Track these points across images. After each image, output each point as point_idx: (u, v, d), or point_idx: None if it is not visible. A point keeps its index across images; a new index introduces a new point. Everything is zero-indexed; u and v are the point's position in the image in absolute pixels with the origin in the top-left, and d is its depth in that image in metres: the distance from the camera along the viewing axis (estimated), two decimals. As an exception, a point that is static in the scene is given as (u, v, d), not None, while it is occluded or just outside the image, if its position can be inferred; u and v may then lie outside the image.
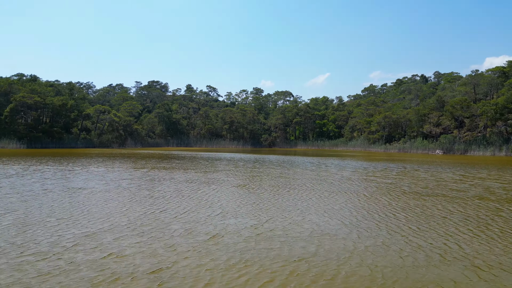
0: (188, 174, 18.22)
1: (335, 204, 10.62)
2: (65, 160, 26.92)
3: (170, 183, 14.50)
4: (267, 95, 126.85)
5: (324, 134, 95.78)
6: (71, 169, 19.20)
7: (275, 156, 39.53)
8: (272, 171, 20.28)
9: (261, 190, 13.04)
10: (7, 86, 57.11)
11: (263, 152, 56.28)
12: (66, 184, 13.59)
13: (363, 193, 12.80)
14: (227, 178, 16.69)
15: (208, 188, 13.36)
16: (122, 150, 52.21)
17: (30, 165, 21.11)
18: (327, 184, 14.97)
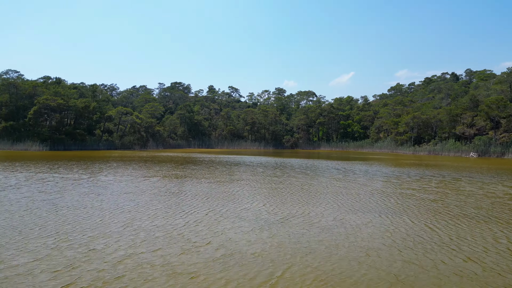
0: (199, 186, 16.34)
1: (372, 238, 8.38)
2: (78, 165, 25.74)
3: (174, 201, 12.64)
4: (289, 95, 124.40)
5: (349, 135, 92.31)
6: (76, 178, 17.75)
7: (297, 160, 37.25)
8: (293, 182, 18.12)
9: (278, 215, 10.94)
10: (31, 89, 57.52)
11: (284, 155, 54.01)
12: (56, 201, 11.95)
13: (404, 216, 10.45)
14: (241, 190, 14.69)
15: (213, 217, 11.40)
16: (142, 153, 51.34)
17: (37, 172, 19.89)
18: (358, 203, 12.66)
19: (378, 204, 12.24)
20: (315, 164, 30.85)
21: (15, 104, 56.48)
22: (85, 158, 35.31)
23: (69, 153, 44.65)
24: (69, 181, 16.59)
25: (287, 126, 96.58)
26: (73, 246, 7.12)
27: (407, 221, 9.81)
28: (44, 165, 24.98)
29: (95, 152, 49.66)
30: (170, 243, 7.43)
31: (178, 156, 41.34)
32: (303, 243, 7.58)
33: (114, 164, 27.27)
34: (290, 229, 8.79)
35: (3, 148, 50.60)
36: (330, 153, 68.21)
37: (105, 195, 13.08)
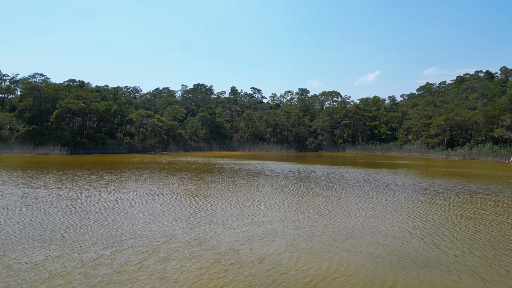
0: (208, 209, 14.01)
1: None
2: (88, 176, 24.08)
3: (169, 229, 10.33)
4: (313, 95, 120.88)
5: (376, 137, 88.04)
6: (75, 197, 15.83)
7: (322, 168, 34.37)
8: (320, 204, 15.48)
9: (305, 273, 8.38)
10: (54, 92, 57.29)
11: (308, 159, 51.09)
12: (25, 232, 9.91)
13: (477, 271, 7.67)
14: (258, 224, 12.23)
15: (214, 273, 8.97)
16: (162, 157, 49.84)
17: (38, 187, 18.20)
18: (415, 250, 9.91)
19: (440, 253, 9.45)
20: (342, 174, 27.96)
21: (38, 108, 56.41)
22: (100, 165, 33.89)
23: (87, 158, 43.63)
24: (64, 202, 14.64)
25: (311, 128, 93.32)
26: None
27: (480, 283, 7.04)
28: (53, 176, 23.45)
29: (115, 157, 48.55)
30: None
31: (196, 163, 39.38)
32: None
33: (127, 174, 25.45)
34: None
35: (25, 152, 50.40)
36: (355, 156, 64.61)
37: (92, 227, 10.95)
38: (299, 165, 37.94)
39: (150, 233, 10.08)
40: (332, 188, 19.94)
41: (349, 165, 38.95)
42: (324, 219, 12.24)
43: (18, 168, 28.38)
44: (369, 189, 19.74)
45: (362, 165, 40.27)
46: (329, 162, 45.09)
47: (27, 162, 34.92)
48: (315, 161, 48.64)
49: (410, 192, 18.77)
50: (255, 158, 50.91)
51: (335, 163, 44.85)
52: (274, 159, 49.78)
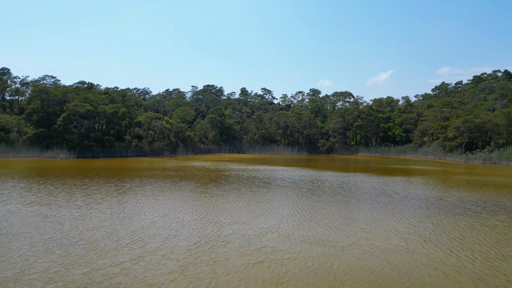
0: (208, 236, 12.05)
1: None
2: (87, 186, 22.43)
3: (156, 272, 8.36)
4: (324, 96, 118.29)
5: (389, 139, 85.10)
6: (58, 220, 14.04)
7: (335, 176, 32.11)
8: (332, 223, 13.39)
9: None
10: (62, 95, 56.24)
11: (320, 164, 48.81)
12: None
13: None
14: (262, 249, 10.22)
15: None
16: (170, 161, 48.22)
17: (27, 204, 16.52)
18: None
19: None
20: (358, 184, 25.69)
21: (46, 111, 55.44)
22: (103, 172, 32.32)
23: (93, 163, 42.23)
24: (43, 229, 12.86)
25: (322, 129, 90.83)
26: None
27: None
28: (49, 187, 21.84)
29: (121, 161, 47.11)
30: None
31: (204, 169, 37.55)
32: None
33: (127, 185, 23.69)
34: None
35: (31, 155, 49.39)
36: (369, 160, 61.95)
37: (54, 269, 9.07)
38: (311, 171, 35.75)
39: (130, 280, 8.13)
40: (347, 201, 17.76)
41: (363, 172, 36.56)
42: (348, 256, 10.14)
43: (17, 176, 26.94)
44: (391, 206, 17.49)
45: (377, 171, 37.85)
46: (341, 168, 42.77)
47: (29, 169, 33.58)
48: (327, 165, 46.34)
49: (438, 211, 16.47)
50: (265, 163, 48.89)
51: (348, 168, 42.48)
52: (284, 164, 47.67)
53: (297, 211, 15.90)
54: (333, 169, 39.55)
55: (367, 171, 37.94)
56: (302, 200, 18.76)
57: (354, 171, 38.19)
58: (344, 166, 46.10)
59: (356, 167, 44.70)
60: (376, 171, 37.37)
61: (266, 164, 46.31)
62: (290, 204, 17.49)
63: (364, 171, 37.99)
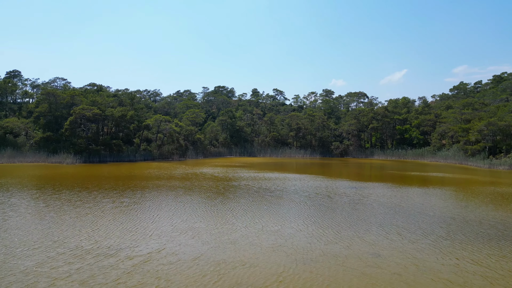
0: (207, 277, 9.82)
1: None
2: (79, 204, 20.55)
3: None
4: (338, 97, 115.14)
5: (406, 141, 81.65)
6: (21, 255, 12.03)
7: (351, 187, 29.58)
8: (349, 253, 11.03)
9: None
10: (69, 98, 54.99)
11: (333, 169, 46.17)
12: None
13: None
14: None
15: None
16: (178, 166, 46.36)
17: (5, 231, 14.61)
18: None
19: None
20: (378, 199, 23.13)
21: (53, 114, 54.28)
22: (106, 181, 30.53)
23: (98, 169, 40.61)
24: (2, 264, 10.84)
25: (336, 131, 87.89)
26: None
27: None
28: (40, 203, 20.03)
29: (129, 166, 45.45)
30: None
31: (213, 177, 35.47)
32: None
33: (126, 199, 21.69)
34: None
35: (38, 160, 48.19)
36: (384, 164, 58.88)
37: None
38: (326, 181, 33.22)
39: None
40: (372, 233, 15.29)
41: (379, 180, 33.83)
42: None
43: (14, 188, 25.30)
44: (423, 234, 14.94)
45: (394, 179, 35.10)
46: (357, 175, 40.07)
47: (30, 177, 32.04)
48: (342, 172, 43.66)
49: (482, 239, 13.88)
50: (276, 168, 46.55)
51: (364, 176, 39.77)
52: (297, 170, 45.25)
53: (306, 230, 13.53)
54: (349, 177, 36.95)
55: (385, 179, 35.19)
56: (315, 215, 16.37)
57: (371, 179, 35.48)
58: (360, 173, 43.40)
59: (372, 175, 41.96)
60: (393, 179, 34.61)
61: (278, 170, 43.97)
62: (301, 217, 15.14)
63: (381, 179, 35.25)
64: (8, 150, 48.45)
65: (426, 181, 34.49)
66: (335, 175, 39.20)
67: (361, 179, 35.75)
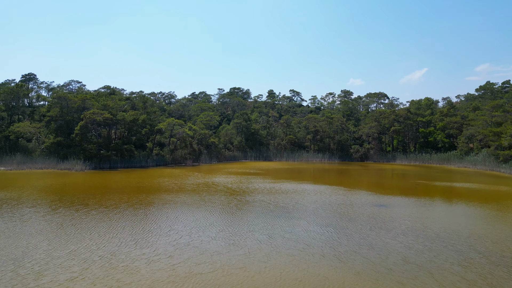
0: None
1: None
2: (70, 228, 18.16)
3: None
4: (357, 97, 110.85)
5: (430, 145, 77.02)
6: None
7: (375, 202, 26.31)
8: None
9: None
10: (81, 102, 53.38)
11: (354, 179, 42.69)
12: None
13: None
14: None
15: None
16: (191, 173, 43.95)
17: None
18: None
19: None
20: (412, 224, 19.83)
21: (64, 119, 52.79)
22: (109, 195, 28.23)
23: (106, 178, 38.55)
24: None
25: (355, 134, 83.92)
26: None
27: None
28: (28, 227, 17.71)
29: (138, 174, 43.31)
30: None
31: (225, 189, 32.78)
32: None
33: (126, 224, 19.17)
34: None
35: (47, 167, 46.64)
36: (407, 170, 54.82)
37: None
38: (348, 195, 29.96)
39: None
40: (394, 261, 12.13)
41: (405, 193, 30.29)
42: None
43: (7, 203, 23.20)
44: (463, 270, 11.69)
45: (423, 192, 31.51)
46: (379, 186, 36.58)
47: (31, 188, 30.08)
48: (363, 182, 40.11)
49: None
50: (293, 175, 43.49)
51: (387, 186, 36.22)
52: (315, 178, 42.08)
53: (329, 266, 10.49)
54: (371, 188, 33.54)
55: (412, 192, 31.60)
56: (344, 256, 13.30)
57: (395, 191, 31.93)
58: (382, 183, 39.86)
59: (396, 185, 38.31)
60: (423, 193, 30.99)
61: (295, 178, 40.88)
62: (323, 255, 12.11)
63: (407, 192, 31.67)
64: (18, 156, 47.13)
65: (460, 195, 30.69)
66: (357, 185, 35.86)
67: (385, 191, 32.26)
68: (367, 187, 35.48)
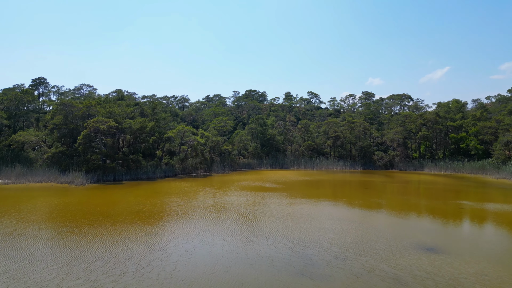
0: None
1: None
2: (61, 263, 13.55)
3: None
4: (379, 99, 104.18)
5: (461, 151, 70.05)
6: None
7: (410, 234, 20.78)
8: None
9: None
10: (85, 108, 49.53)
11: (382, 194, 36.94)
12: None
13: None
14: None
15: None
16: (200, 190, 39.32)
17: None
18: None
19: None
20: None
21: (68, 127, 49.06)
22: (102, 222, 23.73)
23: (106, 197, 34.27)
24: None
25: (378, 139, 77.58)
26: None
27: None
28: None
29: (143, 190, 38.96)
30: None
31: (236, 214, 27.88)
32: None
33: (128, 242, 14.45)
34: None
35: (47, 179, 42.88)
36: (439, 182, 48.49)
37: None
38: (379, 223, 24.51)
39: None
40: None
41: (450, 222, 24.56)
42: None
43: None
44: None
45: (471, 218, 25.72)
46: (411, 206, 30.79)
47: (15, 212, 25.91)
48: (391, 200, 34.31)
49: None
50: (313, 190, 38.16)
51: (421, 207, 30.34)
52: (336, 194, 36.66)
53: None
54: (403, 210, 27.88)
55: (458, 220, 25.83)
56: None
57: (436, 218, 26.17)
58: (416, 205, 33.95)
59: (433, 208, 32.36)
60: (473, 220, 25.18)
61: (316, 196, 35.49)
62: None
63: (453, 220, 25.90)
64: (17, 167, 43.57)
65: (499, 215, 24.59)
66: (387, 207, 30.30)
67: (424, 219, 26.44)
68: (400, 209, 29.88)
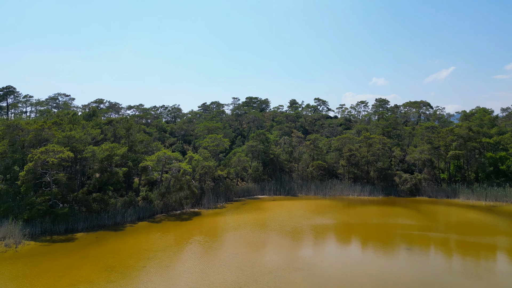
0: None
1: None
2: None
3: None
4: (393, 107, 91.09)
5: (501, 173, 57.02)
6: None
7: None
8: None
9: None
10: (35, 132, 37.25)
11: (424, 241, 24.21)
12: None
13: None
14: None
15: None
16: (177, 251, 26.94)
17: None
18: None
19: None
20: None
21: (12, 157, 36.81)
22: None
23: (36, 271, 21.91)
24: None
25: (396, 155, 64.47)
26: None
27: None
28: None
29: (99, 250, 26.62)
30: None
31: None
32: None
33: None
34: None
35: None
36: (488, 221, 35.65)
37: None
38: None
39: None
40: None
41: None
42: None
43: None
44: None
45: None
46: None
47: None
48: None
49: None
50: (330, 235, 25.50)
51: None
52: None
53: None
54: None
55: None
56: None
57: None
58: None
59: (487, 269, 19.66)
60: None
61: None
62: None
63: None
64: None
65: None
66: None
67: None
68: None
